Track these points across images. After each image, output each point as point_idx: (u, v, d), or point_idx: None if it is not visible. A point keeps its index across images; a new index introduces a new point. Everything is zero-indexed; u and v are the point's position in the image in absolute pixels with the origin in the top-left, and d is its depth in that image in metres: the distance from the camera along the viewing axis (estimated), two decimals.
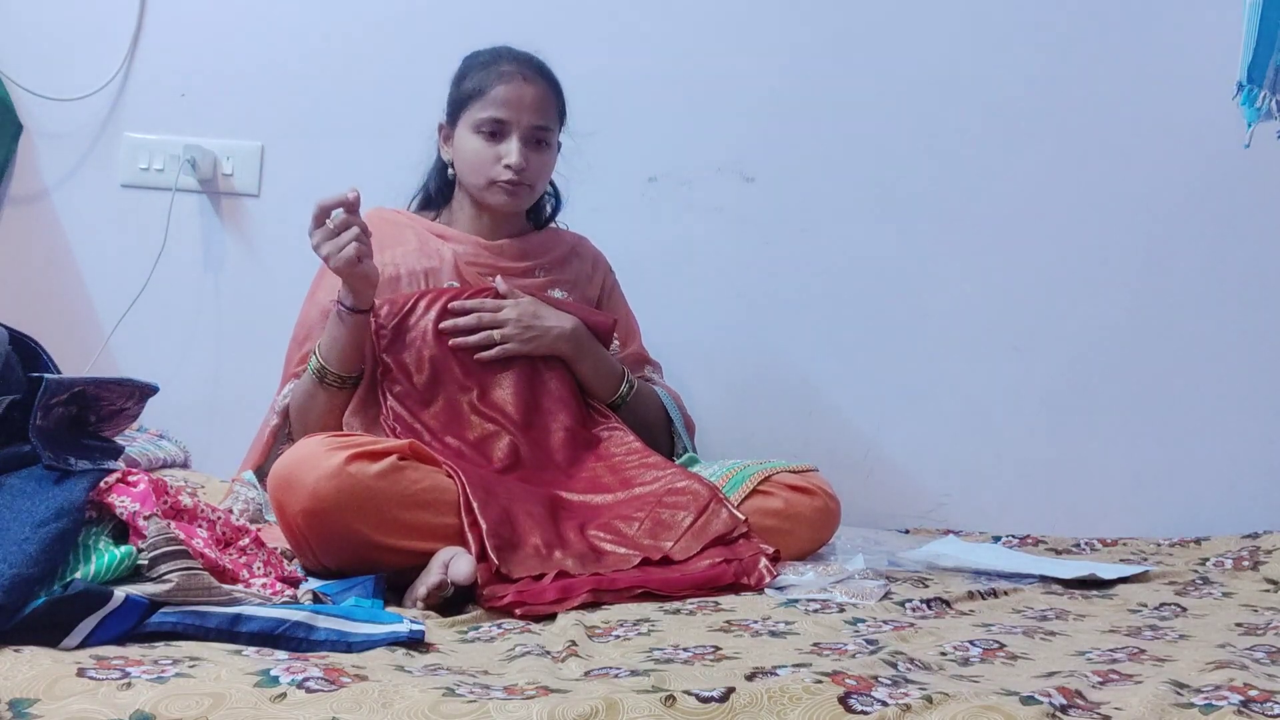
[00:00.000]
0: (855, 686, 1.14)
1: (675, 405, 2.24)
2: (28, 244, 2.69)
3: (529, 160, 2.12)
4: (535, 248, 2.24)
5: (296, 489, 1.75)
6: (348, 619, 1.39)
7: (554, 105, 2.17)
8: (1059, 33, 2.59)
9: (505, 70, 2.13)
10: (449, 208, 2.24)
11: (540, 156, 2.15)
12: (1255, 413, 2.56)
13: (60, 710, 1.09)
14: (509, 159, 2.11)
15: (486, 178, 2.13)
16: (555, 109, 2.17)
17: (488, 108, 2.11)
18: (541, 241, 2.26)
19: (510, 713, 1.09)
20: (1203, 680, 1.23)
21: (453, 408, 2.05)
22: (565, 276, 2.24)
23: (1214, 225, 2.57)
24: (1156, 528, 2.42)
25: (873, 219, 2.62)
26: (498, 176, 2.12)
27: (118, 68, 2.67)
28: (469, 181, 2.16)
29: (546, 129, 2.15)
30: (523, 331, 2.09)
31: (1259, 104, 1.93)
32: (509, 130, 2.11)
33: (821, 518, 2.02)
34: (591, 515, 1.93)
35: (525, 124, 2.12)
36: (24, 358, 1.53)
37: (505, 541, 1.78)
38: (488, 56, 2.18)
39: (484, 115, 2.11)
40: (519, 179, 2.12)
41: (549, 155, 2.18)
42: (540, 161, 2.16)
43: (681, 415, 2.24)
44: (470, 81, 2.15)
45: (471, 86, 2.14)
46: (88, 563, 1.35)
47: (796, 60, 2.62)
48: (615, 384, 2.17)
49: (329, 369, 2.03)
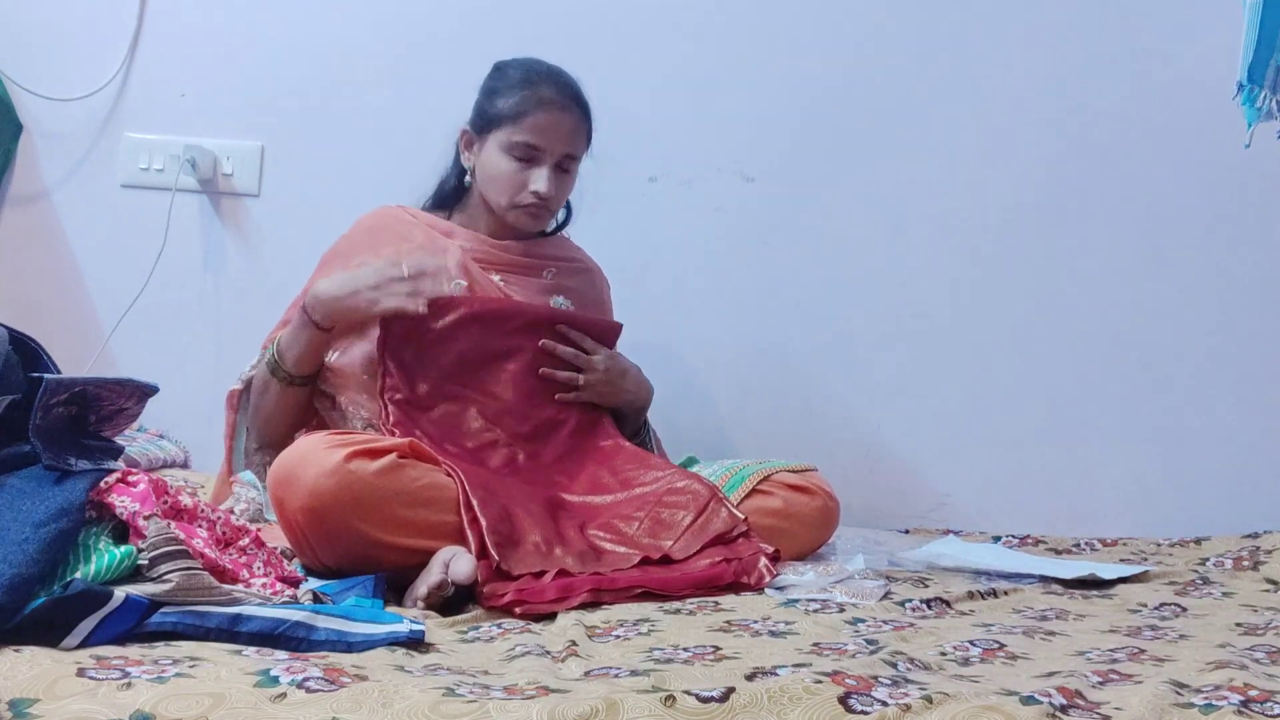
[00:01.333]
0: (855, 686, 1.14)
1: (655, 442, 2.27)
2: (28, 244, 2.69)
3: (555, 187, 2.13)
4: (543, 250, 2.24)
5: (296, 486, 1.75)
6: (348, 619, 1.39)
7: (585, 133, 2.18)
8: (1059, 33, 2.59)
9: (544, 97, 2.12)
10: (461, 209, 2.22)
11: (563, 182, 2.16)
12: (1255, 413, 2.56)
13: (60, 710, 1.09)
14: (538, 186, 2.10)
15: (511, 200, 2.13)
16: (585, 136, 2.18)
17: (523, 133, 2.10)
18: (550, 245, 2.26)
19: (510, 713, 1.09)
20: (1203, 680, 1.22)
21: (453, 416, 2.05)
22: (572, 285, 2.24)
23: (1214, 225, 2.57)
24: (1156, 528, 2.42)
25: (872, 218, 2.62)
26: (523, 201, 2.12)
27: (118, 68, 2.67)
28: (492, 198, 2.16)
29: (574, 158, 2.16)
30: (604, 385, 2.13)
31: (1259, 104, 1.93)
32: (542, 159, 2.11)
33: (821, 517, 2.03)
34: (591, 515, 1.93)
35: (558, 153, 2.12)
36: (24, 358, 1.53)
37: (505, 538, 1.78)
38: (522, 73, 2.15)
39: (518, 140, 2.10)
40: (543, 204, 2.13)
41: (570, 181, 2.19)
42: (564, 186, 2.17)
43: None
44: (506, 101, 2.12)
45: (507, 107, 2.12)
46: (88, 563, 1.35)
47: (796, 60, 2.62)
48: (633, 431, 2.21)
49: (281, 365, 2.06)
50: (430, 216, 2.21)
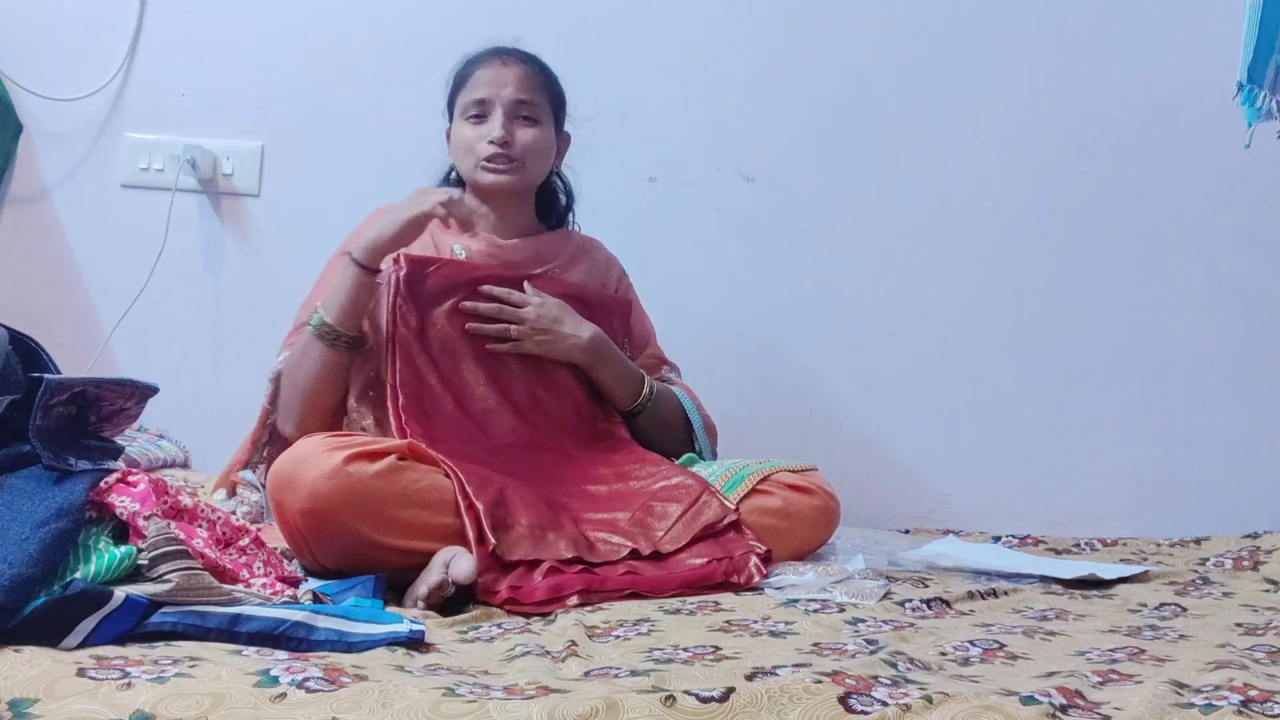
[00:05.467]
0: (855, 686, 1.14)
1: (695, 408, 2.23)
2: (28, 244, 2.69)
3: (514, 134, 2.12)
4: (546, 248, 2.23)
5: (295, 488, 1.75)
6: (348, 619, 1.39)
7: (539, 83, 2.18)
8: (1059, 33, 2.59)
9: (484, 57, 2.17)
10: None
11: (528, 132, 2.14)
12: (1255, 413, 2.56)
13: (60, 710, 1.09)
14: (492, 134, 2.12)
15: (474, 159, 2.14)
16: (541, 87, 2.18)
17: (469, 91, 2.15)
18: (553, 241, 2.26)
19: (510, 713, 1.09)
20: (1203, 680, 1.22)
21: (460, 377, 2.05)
22: (574, 278, 2.23)
23: (1214, 225, 2.57)
24: (1156, 528, 2.42)
25: (872, 219, 2.62)
26: (482, 153, 2.13)
27: (118, 68, 2.67)
28: (465, 171, 2.17)
29: (531, 103, 2.15)
30: (537, 333, 2.08)
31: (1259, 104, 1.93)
32: (491, 108, 2.13)
33: (821, 517, 2.02)
34: (585, 506, 1.94)
35: (507, 98, 2.13)
36: (24, 358, 1.53)
37: (500, 522, 1.79)
38: (476, 52, 2.21)
39: (468, 99, 2.15)
40: (504, 152, 2.12)
41: (540, 131, 2.16)
42: (529, 137, 2.14)
43: (701, 418, 2.23)
44: (458, 75, 2.20)
45: (458, 79, 2.19)
46: (88, 563, 1.35)
47: (796, 60, 2.62)
48: (636, 390, 2.16)
49: (326, 320, 2.00)
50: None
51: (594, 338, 2.12)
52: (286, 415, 2.05)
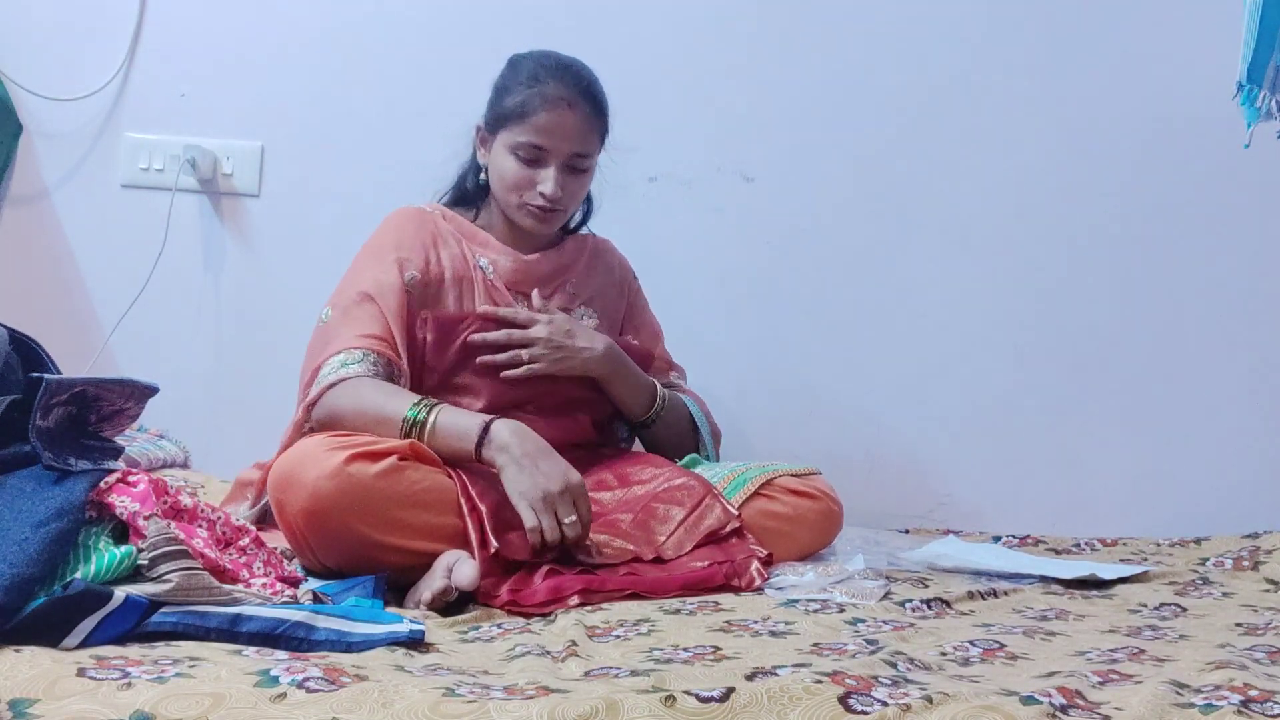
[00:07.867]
0: (855, 686, 1.14)
1: (702, 414, 2.22)
2: (28, 244, 2.69)
3: (564, 188, 2.08)
4: (567, 257, 2.21)
5: (296, 488, 1.75)
6: (348, 619, 1.39)
7: (596, 130, 2.11)
8: (1058, 32, 2.59)
9: (550, 95, 2.05)
10: (485, 208, 2.19)
11: (576, 181, 2.11)
12: (1255, 413, 2.56)
13: (60, 710, 1.09)
14: (544, 188, 2.06)
15: (519, 201, 2.09)
16: (597, 133, 2.12)
17: (528, 132, 2.04)
18: (570, 250, 2.23)
19: (510, 713, 1.09)
20: (1203, 680, 1.23)
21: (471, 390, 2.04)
22: (591, 288, 2.22)
23: (1214, 225, 2.57)
24: (1156, 528, 2.42)
25: (872, 219, 2.62)
26: (530, 201, 2.08)
27: (118, 68, 2.67)
28: (501, 198, 2.12)
29: (586, 156, 2.10)
30: (552, 352, 2.05)
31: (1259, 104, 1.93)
32: (547, 159, 2.06)
33: (824, 521, 2.02)
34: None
35: (565, 153, 2.06)
36: (24, 358, 1.53)
37: (503, 523, 1.78)
38: (531, 68, 2.09)
39: (523, 140, 2.05)
40: (551, 206, 2.09)
41: (585, 179, 2.14)
42: (576, 185, 2.11)
43: (708, 424, 2.22)
44: (513, 99, 2.07)
45: (513, 105, 2.06)
46: (88, 563, 1.35)
47: (797, 60, 2.62)
48: (649, 402, 2.15)
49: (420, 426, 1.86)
50: (460, 220, 2.16)
51: (608, 349, 2.09)
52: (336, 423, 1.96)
